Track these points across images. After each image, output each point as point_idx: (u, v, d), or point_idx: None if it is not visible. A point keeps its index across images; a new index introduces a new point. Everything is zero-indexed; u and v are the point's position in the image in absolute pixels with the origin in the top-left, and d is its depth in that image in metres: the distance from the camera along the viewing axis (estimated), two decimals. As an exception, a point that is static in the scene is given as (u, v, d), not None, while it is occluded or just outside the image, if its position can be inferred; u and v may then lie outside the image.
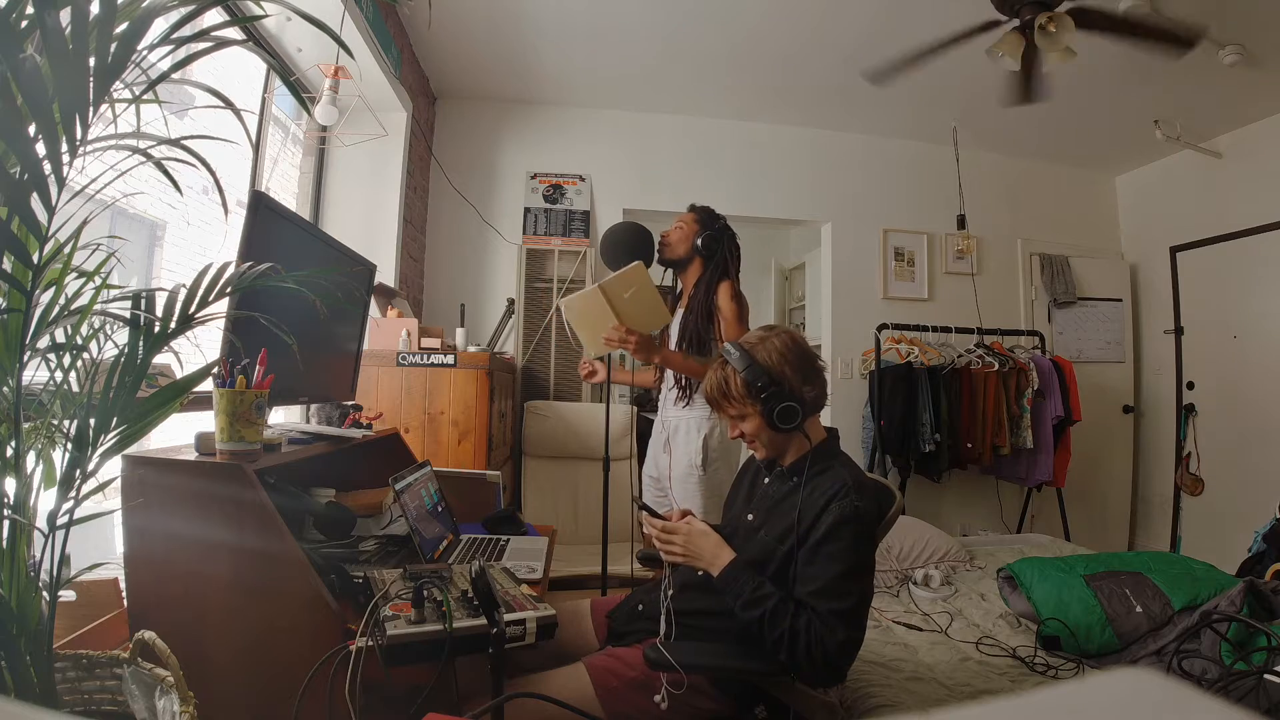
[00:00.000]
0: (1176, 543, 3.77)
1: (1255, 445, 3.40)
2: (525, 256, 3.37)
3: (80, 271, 0.86)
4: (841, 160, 3.78)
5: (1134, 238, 4.17)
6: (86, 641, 1.12)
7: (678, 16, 2.69)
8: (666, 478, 2.11)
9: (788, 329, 1.30)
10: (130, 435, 0.86)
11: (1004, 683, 1.64)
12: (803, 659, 1.08)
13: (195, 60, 0.88)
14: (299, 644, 1.07)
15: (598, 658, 1.23)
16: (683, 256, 2.15)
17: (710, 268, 2.10)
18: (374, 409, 2.10)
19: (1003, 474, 3.55)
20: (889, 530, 1.27)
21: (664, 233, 2.19)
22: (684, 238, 2.14)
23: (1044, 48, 2.03)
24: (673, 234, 2.17)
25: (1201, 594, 1.77)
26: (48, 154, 0.73)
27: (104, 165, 0.83)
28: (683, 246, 2.14)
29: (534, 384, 3.28)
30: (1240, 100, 3.18)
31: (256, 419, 1.13)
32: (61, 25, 0.69)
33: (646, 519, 1.27)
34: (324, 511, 1.48)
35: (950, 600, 2.18)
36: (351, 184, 2.77)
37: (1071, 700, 0.23)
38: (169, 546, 1.09)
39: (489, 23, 2.76)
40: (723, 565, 1.17)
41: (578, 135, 3.54)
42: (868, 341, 3.50)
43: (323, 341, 1.65)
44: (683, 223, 2.16)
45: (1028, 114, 3.38)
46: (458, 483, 1.95)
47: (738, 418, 1.27)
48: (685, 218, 2.17)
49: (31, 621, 0.78)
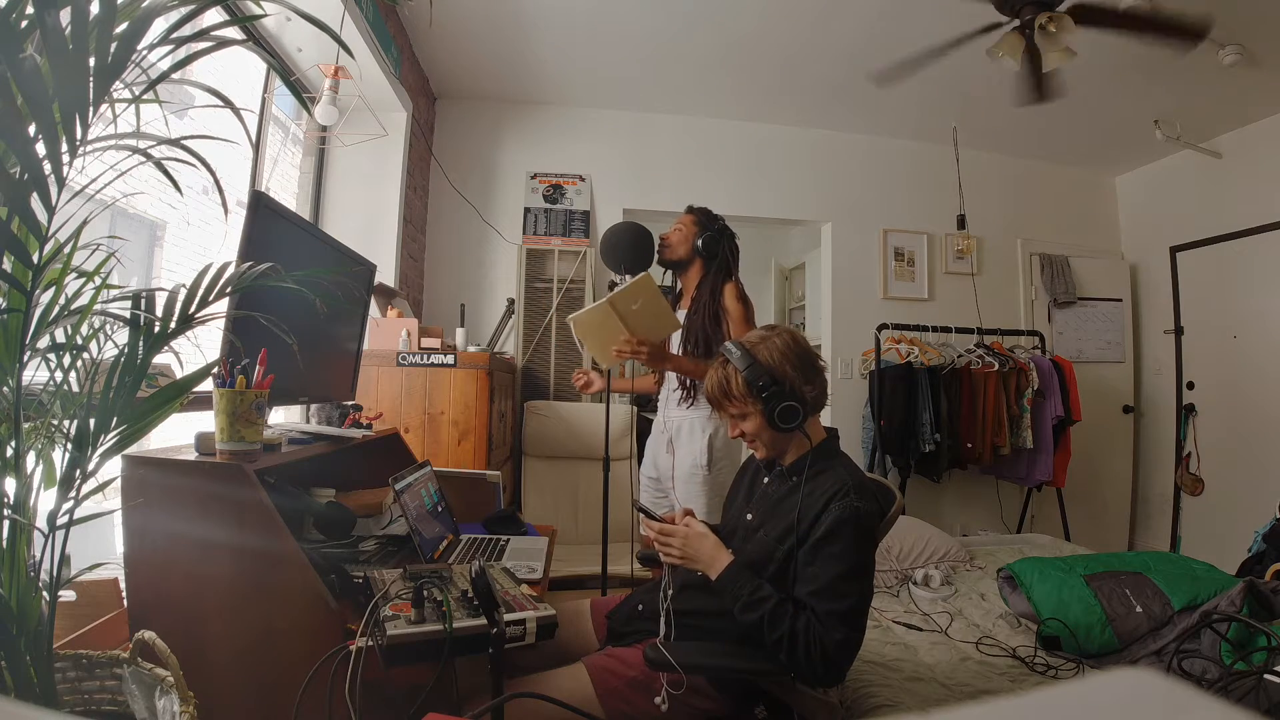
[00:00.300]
0: (1176, 543, 3.77)
1: (1255, 445, 3.40)
2: (525, 256, 3.37)
3: (80, 271, 0.86)
4: (841, 160, 3.78)
5: (1134, 238, 4.17)
6: (86, 641, 1.12)
7: (678, 16, 2.69)
8: (669, 478, 2.11)
9: (789, 328, 1.30)
10: (130, 435, 0.86)
11: (1004, 683, 1.64)
12: (802, 660, 1.08)
13: (195, 60, 0.88)
14: (299, 644, 1.07)
15: (598, 658, 1.23)
16: (684, 258, 2.16)
17: (713, 268, 2.11)
18: (374, 409, 2.10)
19: (1003, 474, 3.55)
20: (889, 530, 1.27)
21: (664, 235, 2.20)
22: (684, 239, 2.15)
23: (1044, 48, 2.03)
24: (672, 235, 2.18)
25: (1201, 594, 1.77)
26: (48, 154, 0.73)
27: (104, 165, 0.83)
28: (683, 248, 2.15)
29: (534, 384, 3.28)
30: (1240, 100, 3.17)
31: (256, 419, 1.13)
32: (61, 25, 0.69)
33: (645, 521, 1.27)
34: (324, 511, 1.48)
35: (950, 600, 2.18)
36: (351, 184, 2.77)
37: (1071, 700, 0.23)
38: (169, 546, 1.09)
39: (489, 23, 2.76)
40: (721, 567, 1.17)
41: (578, 135, 3.54)
42: (868, 341, 3.50)
43: (323, 341, 1.65)
44: (681, 224, 2.17)
45: (1028, 114, 3.38)
46: (458, 483, 1.95)
47: (738, 417, 1.27)
48: (684, 219, 2.18)
49: (31, 621, 0.78)
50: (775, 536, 1.20)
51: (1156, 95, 3.17)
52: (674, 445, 2.10)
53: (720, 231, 2.14)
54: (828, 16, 2.63)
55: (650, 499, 2.18)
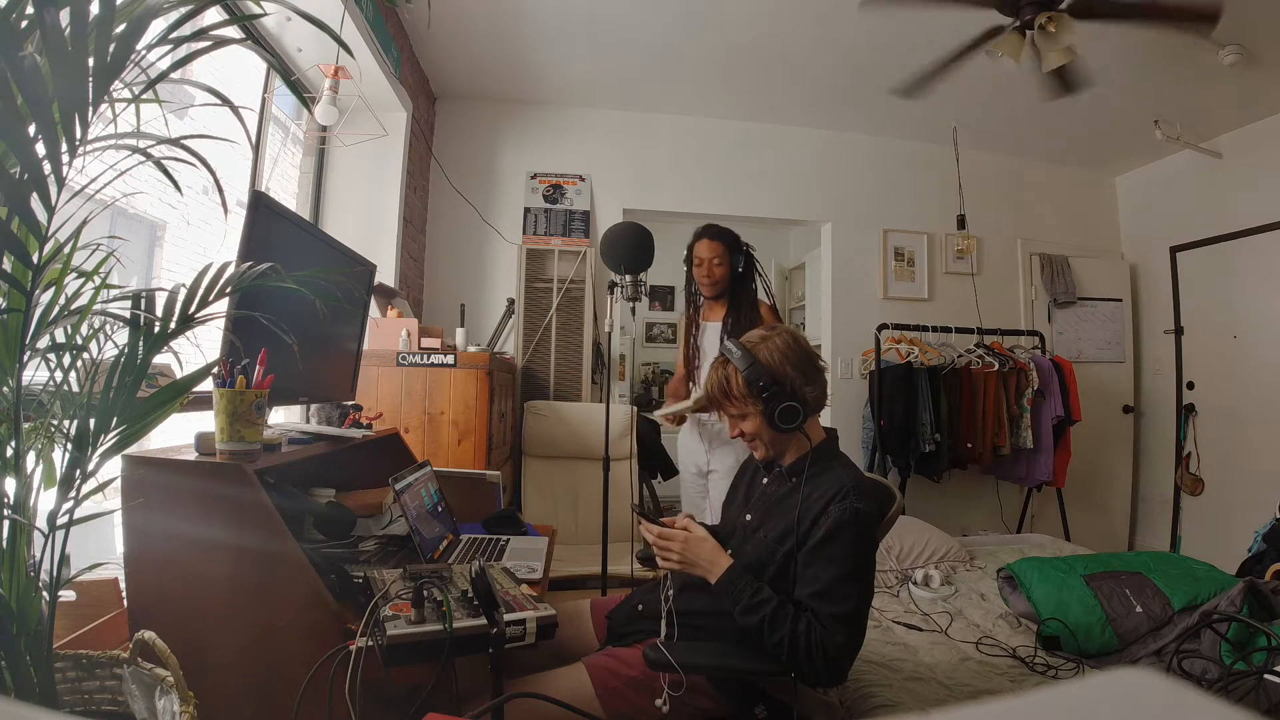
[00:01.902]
0: (1176, 543, 3.77)
1: (1255, 445, 3.40)
2: (525, 256, 3.37)
3: (80, 271, 0.86)
4: (841, 160, 3.78)
5: (1134, 238, 4.17)
6: (86, 641, 1.12)
7: (678, 17, 2.69)
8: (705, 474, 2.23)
9: (789, 328, 1.30)
10: (130, 435, 0.86)
11: (1004, 683, 1.64)
12: (804, 662, 1.08)
13: (195, 59, 0.88)
14: (299, 644, 1.07)
15: (597, 658, 1.23)
16: (728, 285, 2.22)
17: (746, 288, 2.21)
18: (374, 409, 2.10)
19: (1003, 474, 3.55)
20: (889, 530, 1.27)
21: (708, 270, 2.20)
22: (725, 269, 2.20)
23: (1043, 48, 2.02)
24: (716, 270, 2.20)
25: (1201, 594, 1.77)
26: (47, 154, 0.73)
27: (104, 165, 0.83)
28: (726, 276, 2.21)
29: (534, 384, 3.28)
30: (1240, 100, 3.17)
31: (256, 419, 1.13)
32: (61, 25, 0.69)
33: (644, 525, 1.27)
34: (324, 511, 1.48)
35: (950, 600, 2.18)
36: (351, 184, 2.77)
37: (1071, 700, 0.23)
38: (169, 546, 1.09)
39: (489, 23, 2.76)
40: (720, 572, 1.17)
41: (578, 135, 3.54)
42: (868, 341, 3.50)
43: (323, 341, 1.65)
44: (715, 254, 2.20)
45: (1028, 114, 3.39)
46: (458, 483, 1.95)
47: (738, 417, 1.26)
48: (714, 247, 2.21)
49: (31, 621, 0.78)
50: (775, 537, 1.20)
51: (1156, 95, 3.17)
52: (712, 446, 2.19)
53: (748, 254, 2.22)
54: (828, 17, 2.63)
55: (696, 489, 2.29)
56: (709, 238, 2.21)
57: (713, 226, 2.25)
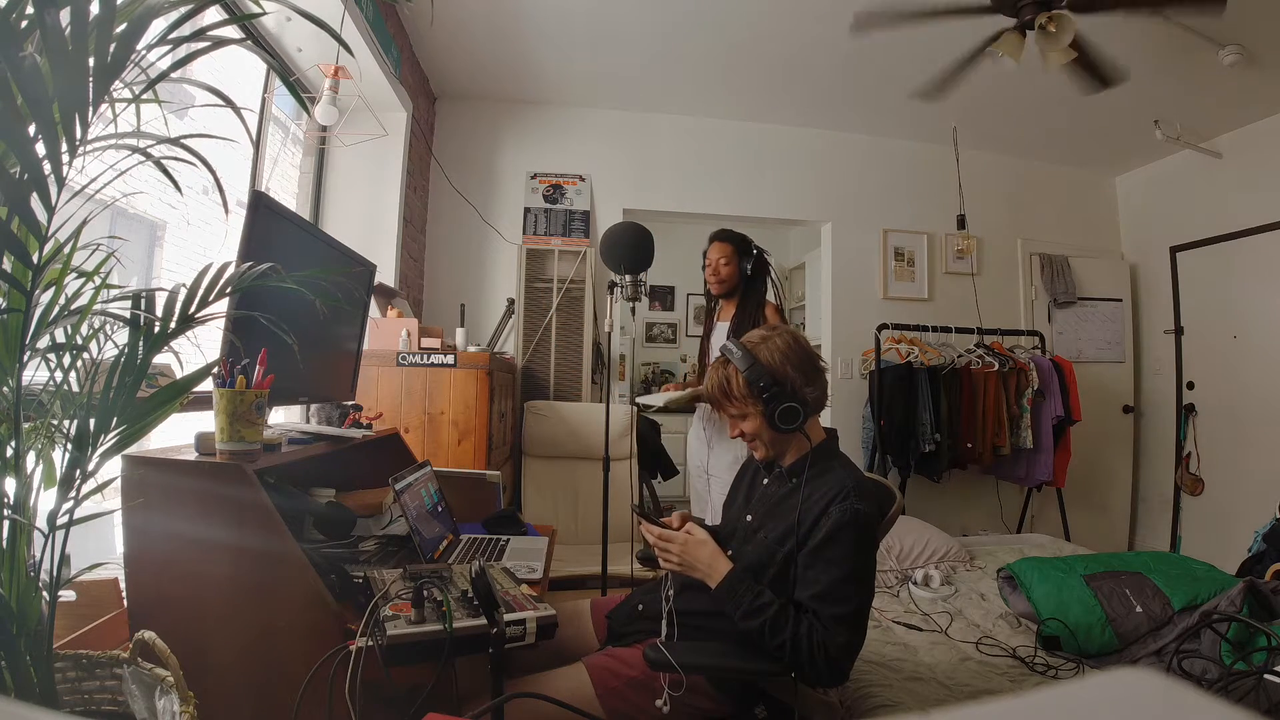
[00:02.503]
0: (1176, 543, 3.77)
1: (1255, 445, 3.40)
2: (525, 256, 3.37)
3: (80, 271, 0.86)
4: (841, 160, 3.78)
5: (1134, 238, 4.17)
6: (86, 641, 1.12)
7: (678, 17, 2.69)
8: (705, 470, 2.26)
9: (790, 329, 1.30)
10: (130, 435, 0.86)
11: (1004, 683, 1.64)
12: (806, 663, 1.08)
13: (195, 59, 0.88)
14: (299, 644, 1.07)
15: (597, 658, 1.23)
16: (735, 286, 2.26)
17: (755, 289, 2.25)
18: (374, 409, 2.10)
19: (1003, 474, 3.55)
20: (889, 530, 1.27)
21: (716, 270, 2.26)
22: (732, 269, 2.24)
23: (1043, 48, 2.02)
24: (723, 270, 2.25)
25: (1201, 594, 1.77)
26: (47, 154, 0.73)
27: (104, 165, 0.83)
28: (734, 276, 2.25)
29: (534, 384, 3.28)
30: (1240, 100, 3.17)
31: (256, 419, 1.13)
32: (61, 25, 0.69)
33: (644, 526, 1.27)
34: (324, 511, 1.48)
35: (950, 600, 2.18)
36: (351, 184, 2.77)
37: (1071, 700, 0.23)
38: (169, 546, 1.09)
39: (489, 23, 2.76)
40: (720, 576, 1.17)
41: (578, 135, 3.54)
42: (868, 341, 3.50)
43: (323, 341, 1.65)
44: (723, 255, 2.25)
45: (1028, 114, 3.39)
46: (458, 483, 1.95)
47: (738, 417, 1.26)
48: (723, 249, 2.26)
49: (31, 621, 0.78)
50: (775, 538, 1.20)
51: (1156, 95, 3.17)
52: (713, 442, 2.22)
53: (759, 256, 2.26)
54: (828, 17, 2.63)
55: (704, 487, 2.32)
56: (718, 239, 2.29)
57: (725, 230, 2.32)
